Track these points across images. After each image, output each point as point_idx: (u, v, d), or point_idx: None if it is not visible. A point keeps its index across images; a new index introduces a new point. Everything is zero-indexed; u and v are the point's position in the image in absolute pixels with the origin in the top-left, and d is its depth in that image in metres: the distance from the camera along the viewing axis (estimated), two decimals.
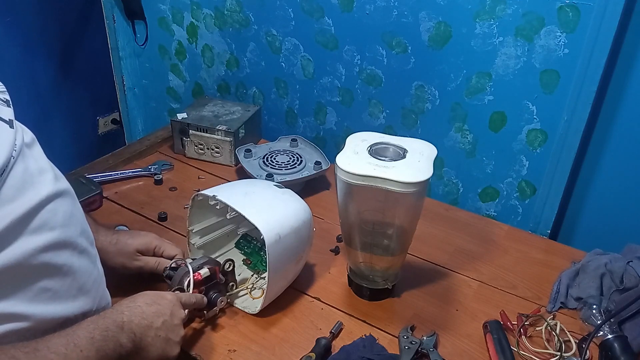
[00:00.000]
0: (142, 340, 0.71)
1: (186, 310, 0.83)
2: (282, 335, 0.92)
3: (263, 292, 0.94)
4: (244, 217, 0.90)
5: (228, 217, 1.00)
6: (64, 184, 0.69)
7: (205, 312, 0.91)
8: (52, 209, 0.65)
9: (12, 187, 0.60)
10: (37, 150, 0.68)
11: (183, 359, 0.86)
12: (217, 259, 0.95)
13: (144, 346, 0.72)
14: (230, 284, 0.94)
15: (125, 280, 0.92)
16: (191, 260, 0.91)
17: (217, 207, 0.95)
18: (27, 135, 0.66)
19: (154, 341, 0.73)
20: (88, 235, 0.74)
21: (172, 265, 0.92)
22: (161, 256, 0.96)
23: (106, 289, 0.79)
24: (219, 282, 0.91)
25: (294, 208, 0.96)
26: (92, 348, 0.65)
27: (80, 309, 0.71)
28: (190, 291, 0.86)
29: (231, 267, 0.93)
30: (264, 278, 1.01)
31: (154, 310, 0.74)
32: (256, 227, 0.88)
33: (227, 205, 0.93)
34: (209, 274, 0.88)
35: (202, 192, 0.95)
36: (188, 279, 0.86)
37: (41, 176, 0.65)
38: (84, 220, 0.74)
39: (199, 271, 0.87)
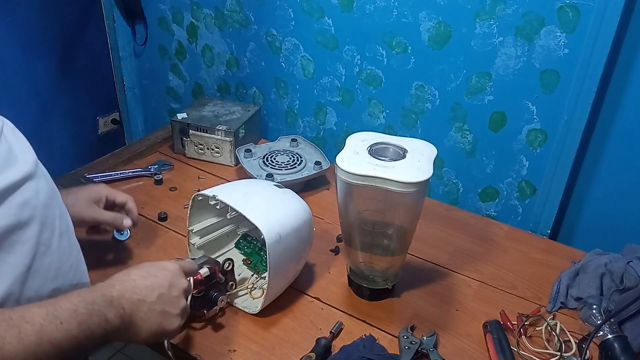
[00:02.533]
0: (132, 315, 0.68)
1: (190, 279, 0.80)
2: (282, 335, 0.92)
3: (263, 292, 0.94)
4: (244, 217, 0.90)
5: (228, 216, 1.00)
6: (43, 169, 0.71)
7: (205, 311, 0.91)
8: (34, 187, 0.66)
9: None
10: (21, 137, 0.70)
11: (183, 358, 0.87)
12: (217, 259, 0.95)
13: (135, 322, 0.68)
14: (230, 283, 0.94)
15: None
16: (191, 259, 0.91)
17: (217, 207, 0.95)
18: (8, 124, 0.68)
19: (147, 316, 0.69)
20: (67, 219, 0.75)
21: None
22: (113, 204, 1.00)
23: (86, 271, 0.79)
24: (219, 281, 0.91)
25: (294, 208, 0.96)
26: (74, 321, 0.62)
27: (54, 290, 0.70)
28: (190, 293, 0.85)
29: (230, 267, 0.93)
30: (264, 278, 1.01)
31: (149, 284, 0.71)
32: (256, 227, 0.88)
33: (227, 205, 0.93)
34: (208, 273, 0.88)
35: (202, 192, 0.95)
36: (189, 279, 0.86)
37: (23, 155, 0.67)
38: (62, 204, 0.74)
39: (199, 271, 0.87)
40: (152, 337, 0.71)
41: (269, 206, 0.94)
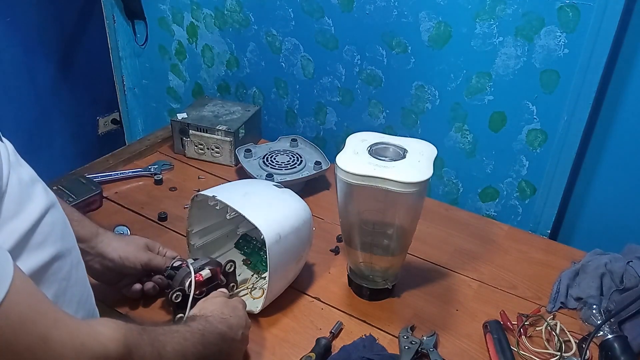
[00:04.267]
0: (230, 347, 0.78)
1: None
2: (282, 335, 0.92)
3: (263, 292, 0.94)
4: (244, 217, 0.90)
5: (228, 217, 1.00)
6: (51, 193, 0.67)
7: None
8: (50, 221, 0.62)
9: (13, 202, 0.57)
10: (22, 161, 0.64)
11: None
12: (219, 260, 0.95)
13: (232, 350, 0.78)
14: (231, 284, 0.94)
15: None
16: (192, 261, 0.91)
17: (217, 207, 0.95)
18: (10, 148, 0.63)
19: (232, 350, 0.79)
20: (77, 249, 0.72)
21: (174, 265, 0.92)
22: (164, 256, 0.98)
23: (96, 308, 0.78)
24: (220, 283, 0.91)
25: (294, 208, 0.96)
26: (200, 345, 0.69)
27: None
28: (192, 292, 0.85)
29: (232, 268, 0.93)
30: (263, 278, 1.01)
31: (231, 325, 0.78)
32: (256, 227, 0.88)
33: (227, 206, 0.93)
34: (210, 275, 0.88)
35: (201, 192, 0.95)
36: (189, 279, 0.86)
37: (34, 186, 0.62)
38: (72, 231, 0.71)
39: (200, 272, 0.87)
40: None
41: (268, 206, 0.94)
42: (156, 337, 0.60)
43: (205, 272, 0.88)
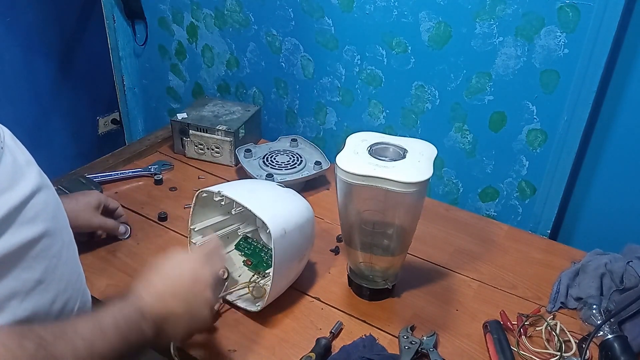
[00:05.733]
0: (163, 326, 0.70)
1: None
2: (282, 335, 0.92)
3: (265, 291, 0.94)
4: (249, 213, 0.90)
5: (233, 212, 1.00)
6: (46, 178, 0.70)
7: None
8: (43, 200, 0.65)
9: (6, 177, 0.61)
10: (21, 145, 0.68)
11: (183, 359, 0.87)
12: None
13: (166, 330, 0.70)
14: (221, 271, 0.92)
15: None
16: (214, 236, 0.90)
17: (222, 203, 0.95)
18: (7, 132, 0.66)
19: (176, 324, 0.72)
20: (70, 231, 0.75)
21: None
22: (107, 211, 1.07)
23: (84, 278, 0.79)
24: None
25: (298, 205, 0.96)
26: (117, 336, 0.64)
27: (66, 303, 0.70)
28: (219, 274, 0.84)
29: (226, 275, 0.92)
30: (264, 277, 1.01)
31: (172, 291, 0.72)
32: (258, 228, 0.88)
33: (233, 201, 0.93)
34: None
35: (206, 188, 0.95)
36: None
37: (29, 167, 0.66)
38: (65, 213, 0.74)
39: None
40: (183, 339, 0.75)
41: (274, 202, 0.94)
42: (53, 353, 0.56)
43: None
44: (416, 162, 0.88)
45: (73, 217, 0.77)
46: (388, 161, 0.88)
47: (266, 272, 1.02)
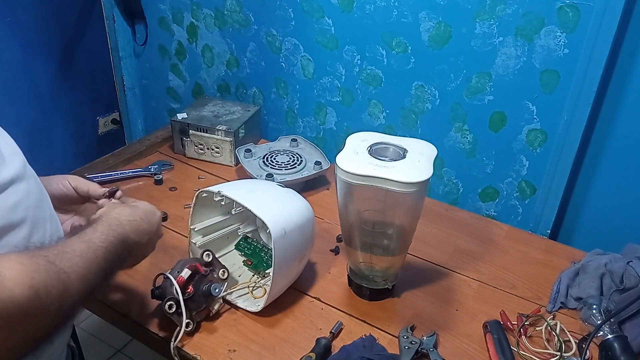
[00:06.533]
0: (134, 251, 0.77)
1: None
2: (282, 335, 0.92)
3: (265, 291, 0.94)
4: (249, 212, 0.90)
5: (233, 212, 1.00)
6: (32, 170, 0.71)
7: (209, 307, 0.91)
8: (25, 189, 0.66)
9: None
10: (7, 138, 0.69)
11: (183, 358, 0.87)
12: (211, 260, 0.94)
13: (134, 253, 0.78)
14: (221, 270, 0.93)
15: None
16: (170, 271, 0.90)
17: (222, 203, 0.95)
18: None
19: (140, 252, 0.80)
20: (57, 221, 0.75)
21: (156, 286, 0.91)
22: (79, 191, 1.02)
23: None
24: (205, 274, 0.90)
25: (298, 205, 0.96)
26: (104, 256, 0.68)
27: None
28: (180, 296, 0.85)
29: (211, 257, 0.92)
30: (264, 277, 1.01)
31: (141, 227, 0.78)
32: (258, 228, 0.88)
33: (233, 201, 0.93)
34: (190, 272, 0.88)
35: (206, 188, 0.95)
36: (174, 286, 0.86)
37: (11, 157, 0.66)
38: (51, 205, 0.75)
39: (180, 275, 0.87)
40: (138, 260, 0.83)
41: (274, 202, 0.94)
42: (62, 268, 0.60)
43: (185, 272, 0.87)
44: (416, 162, 0.88)
45: (52, 183, 0.83)
46: (388, 161, 0.88)
47: (266, 272, 1.02)
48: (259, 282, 1.01)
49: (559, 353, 0.88)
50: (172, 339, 0.86)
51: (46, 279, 0.57)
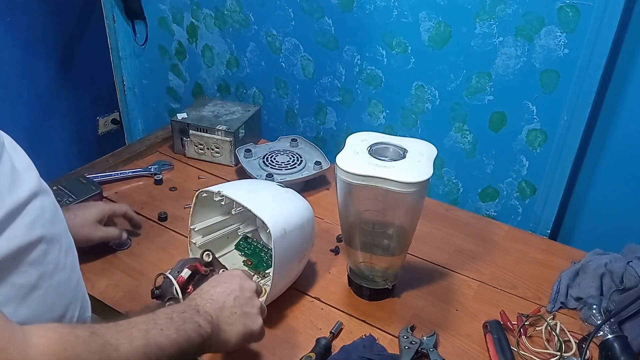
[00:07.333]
0: (219, 320, 0.72)
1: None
2: (282, 335, 0.92)
3: (265, 290, 0.94)
4: (249, 212, 0.90)
5: (233, 212, 1.00)
6: (44, 183, 0.70)
7: None
8: (40, 205, 0.65)
9: (3, 182, 0.61)
10: (20, 151, 0.68)
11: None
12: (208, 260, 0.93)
13: (222, 326, 0.72)
14: (221, 270, 0.92)
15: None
16: (170, 271, 0.90)
17: (222, 203, 0.95)
18: (7, 138, 0.66)
19: (231, 320, 0.74)
20: (69, 235, 0.74)
21: (156, 286, 0.91)
22: (114, 216, 1.06)
23: (86, 293, 0.79)
24: (205, 274, 0.90)
25: (298, 205, 0.96)
26: (172, 327, 0.65)
27: (66, 309, 0.70)
28: (180, 295, 0.85)
29: (211, 257, 0.92)
30: (264, 277, 1.01)
31: (222, 290, 0.75)
32: (258, 228, 0.88)
33: (233, 201, 0.93)
34: (190, 272, 0.88)
35: (206, 188, 0.95)
36: (174, 286, 0.86)
37: (26, 172, 0.66)
38: (64, 219, 0.74)
39: (180, 275, 0.87)
40: (241, 339, 0.75)
41: (274, 202, 0.94)
42: (108, 341, 0.58)
43: (185, 272, 0.87)
44: (416, 162, 0.88)
45: (72, 234, 0.77)
46: (388, 161, 0.88)
47: (266, 272, 1.02)
48: (259, 282, 1.01)
49: (559, 353, 0.88)
50: None
51: (83, 351, 0.55)
